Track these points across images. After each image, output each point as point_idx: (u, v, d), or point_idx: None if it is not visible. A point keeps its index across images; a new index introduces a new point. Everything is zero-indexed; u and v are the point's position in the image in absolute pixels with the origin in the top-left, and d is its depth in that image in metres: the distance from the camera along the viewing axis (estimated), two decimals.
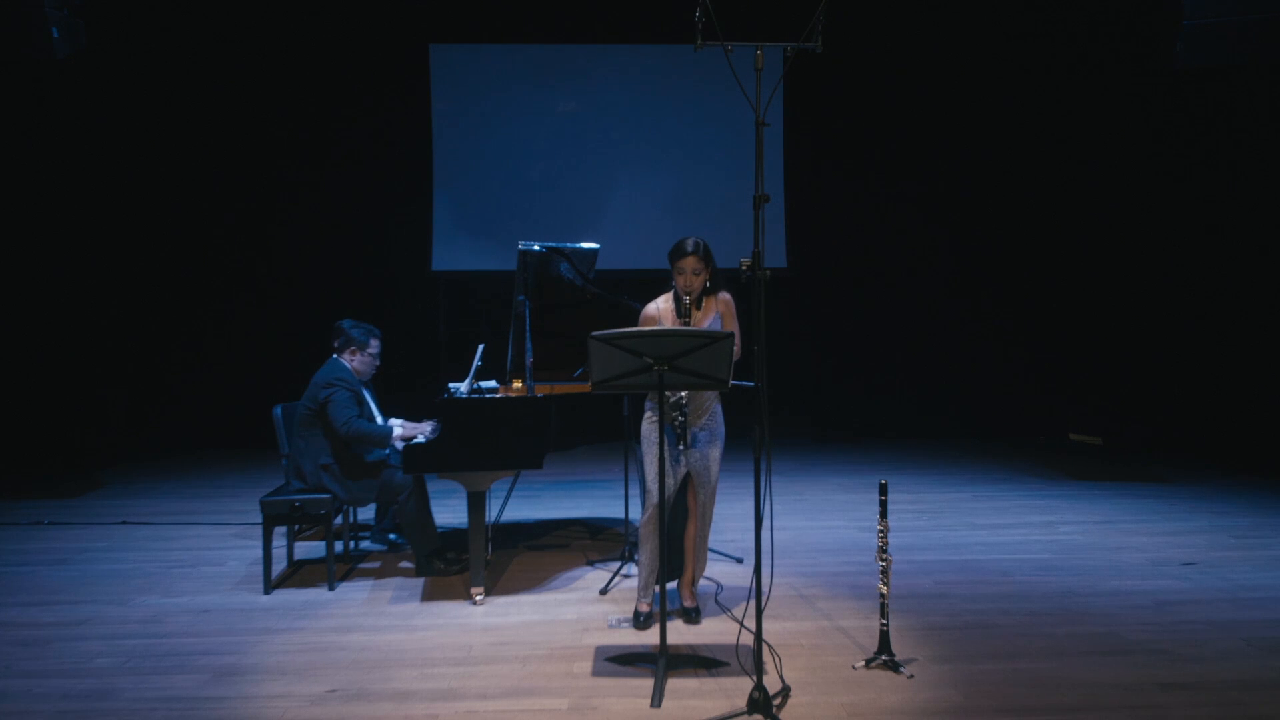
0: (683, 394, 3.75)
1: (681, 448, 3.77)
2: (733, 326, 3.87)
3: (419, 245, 8.67)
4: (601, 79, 8.72)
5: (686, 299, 3.75)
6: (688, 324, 3.74)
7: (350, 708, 3.24)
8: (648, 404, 3.92)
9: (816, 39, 3.19)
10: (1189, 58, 5.94)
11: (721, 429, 3.94)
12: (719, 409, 3.95)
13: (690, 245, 3.73)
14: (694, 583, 4.10)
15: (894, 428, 8.80)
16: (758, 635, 3.18)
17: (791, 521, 5.63)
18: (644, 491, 4.06)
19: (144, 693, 3.38)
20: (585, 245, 4.82)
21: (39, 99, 7.61)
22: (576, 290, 4.76)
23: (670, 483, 3.83)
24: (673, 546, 4.10)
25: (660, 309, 3.88)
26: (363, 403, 4.70)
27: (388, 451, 4.79)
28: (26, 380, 7.78)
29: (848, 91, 8.66)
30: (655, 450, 3.84)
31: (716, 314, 3.86)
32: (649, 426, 3.89)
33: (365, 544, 5.30)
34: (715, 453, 3.91)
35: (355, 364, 4.74)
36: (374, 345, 4.81)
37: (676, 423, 3.74)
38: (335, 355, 4.75)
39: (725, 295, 3.90)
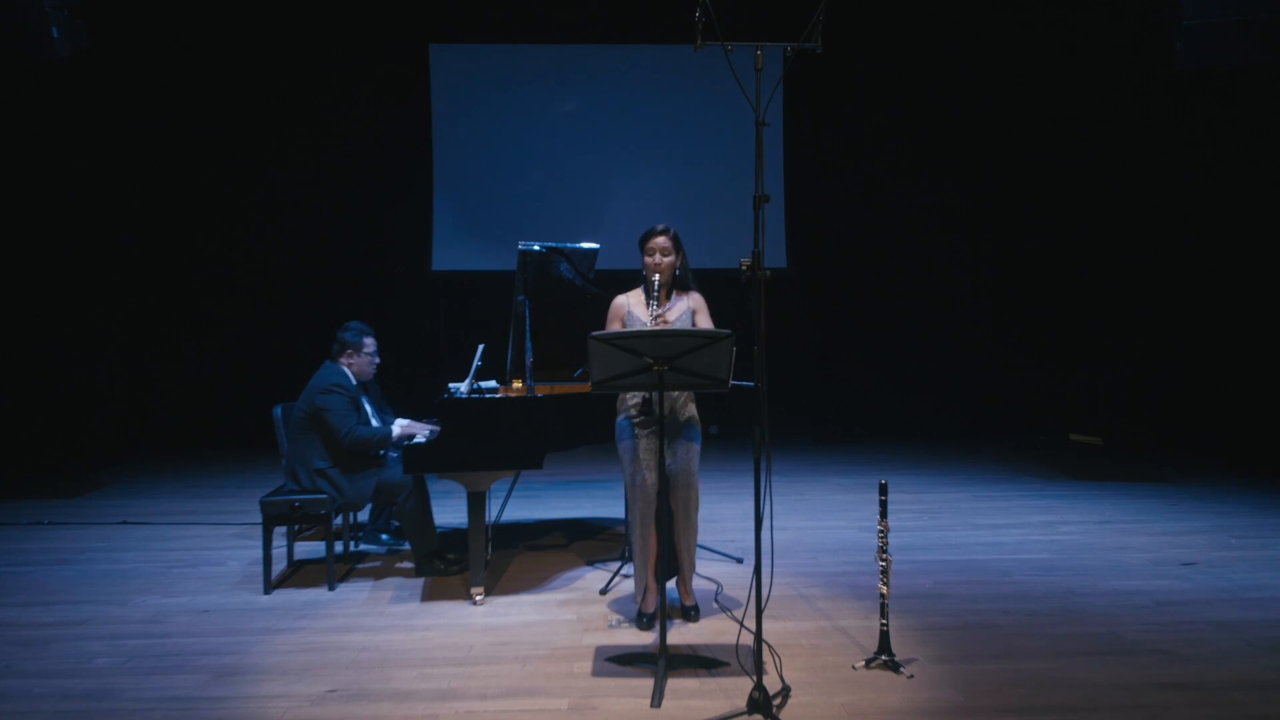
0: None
1: (639, 431, 3.75)
2: (708, 325, 3.87)
3: (419, 245, 8.68)
4: (601, 79, 8.72)
5: (655, 279, 3.76)
6: (655, 309, 3.74)
7: (350, 708, 3.24)
8: (619, 411, 3.93)
9: (816, 39, 3.19)
10: (1189, 58, 5.94)
11: (697, 431, 3.91)
12: (692, 409, 3.93)
13: (660, 226, 3.84)
14: (688, 581, 4.10)
15: (894, 428, 8.80)
16: (758, 635, 3.18)
17: (791, 521, 5.63)
18: (627, 500, 4.06)
19: (144, 693, 3.38)
20: (585, 245, 4.82)
21: (39, 99, 7.60)
22: (576, 290, 4.76)
23: (648, 474, 3.83)
24: (666, 547, 4.09)
25: (630, 297, 3.94)
26: (360, 407, 4.68)
27: (387, 452, 4.79)
28: (26, 380, 7.78)
29: (848, 91, 8.67)
30: (628, 444, 3.87)
31: (688, 308, 3.87)
32: (622, 431, 3.90)
33: (363, 545, 5.30)
34: (693, 457, 3.87)
35: (355, 366, 4.73)
36: (369, 344, 4.79)
37: (646, 414, 3.71)
38: (330, 360, 4.72)
39: (697, 294, 3.94)
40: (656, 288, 3.78)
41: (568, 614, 4.13)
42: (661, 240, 3.81)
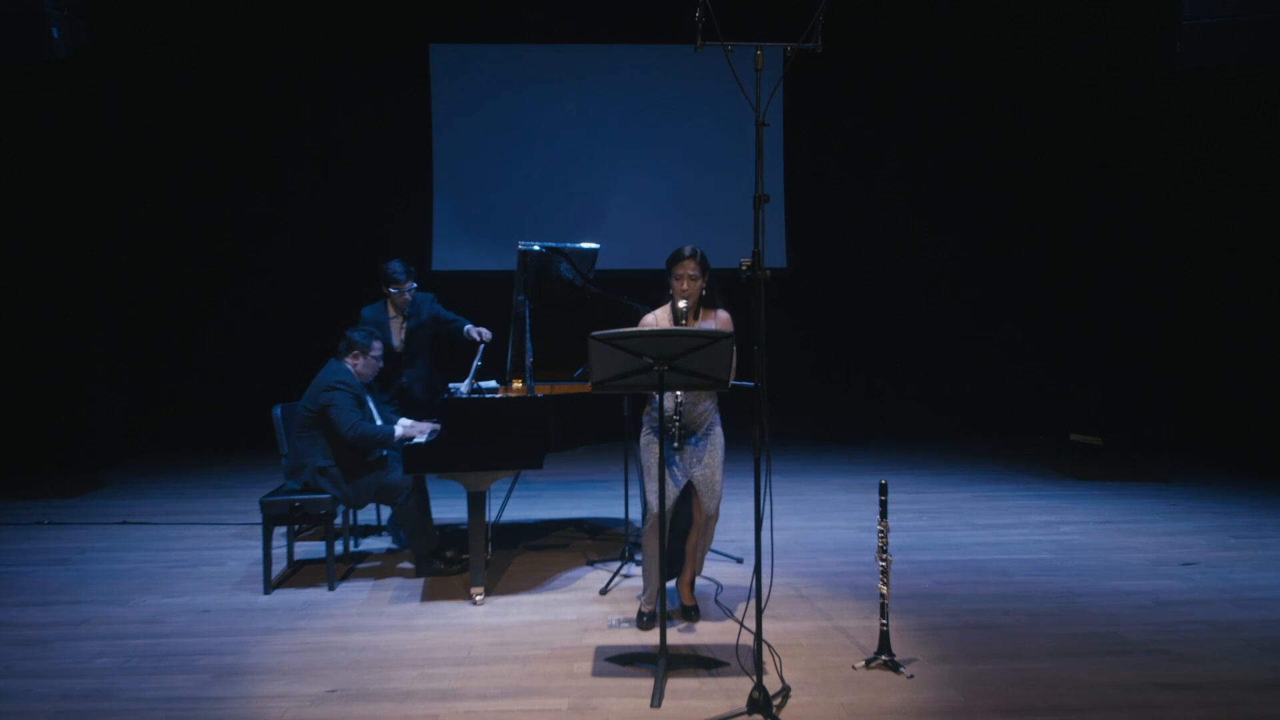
0: (679, 399, 3.73)
1: (675, 445, 3.74)
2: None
3: (419, 245, 8.66)
4: (601, 79, 8.72)
5: (683, 304, 3.73)
6: None
7: (350, 708, 3.24)
8: (645, 419, 3.91)
9: (816, 39, 3.19)
10: (1189, 58, 5.95)
11: (721, 440, 3.92)
12: (717, 418, 3.93)
13: (688, 250, 3.76)
14: (691, 582, 4.10)
15: (894, 428, 8.80)
16: (758, 635, 3.18)
17: (791, 521, 5.63)
18: (644, 503, 4.05)
19: (144, 693, 3.38)
20: (585, 245, 4.83)
21: (39, 99, 7.60)
22: (576, 290, 4.76)
23: (672, 492, 3.82)
24: (674, 545, 4.09)
25: (658, 317, 3.88)
26: (364, 405, 4.70)
27: (386, 452, 4.80)
28: (26, 380, 7.77)
29: (848, 91, 8.66)
30: (653, 462, 3.83)
31: (714, 327, 3.84)
32: (647, 438, 3.88)
33: (369, 543, 5.30)
34: (718, 465, 3.87)
35: (359, 367, 4.75)
36: (376, 348, 4.82)
37: (673, 426, 3.72)
38: (335, 359, 4.74)
39: (723, 313, 3.87)
40: (684, 311, 3.74)
41: (568, 614, 4.13)
42: (690, 266, 3.72)
